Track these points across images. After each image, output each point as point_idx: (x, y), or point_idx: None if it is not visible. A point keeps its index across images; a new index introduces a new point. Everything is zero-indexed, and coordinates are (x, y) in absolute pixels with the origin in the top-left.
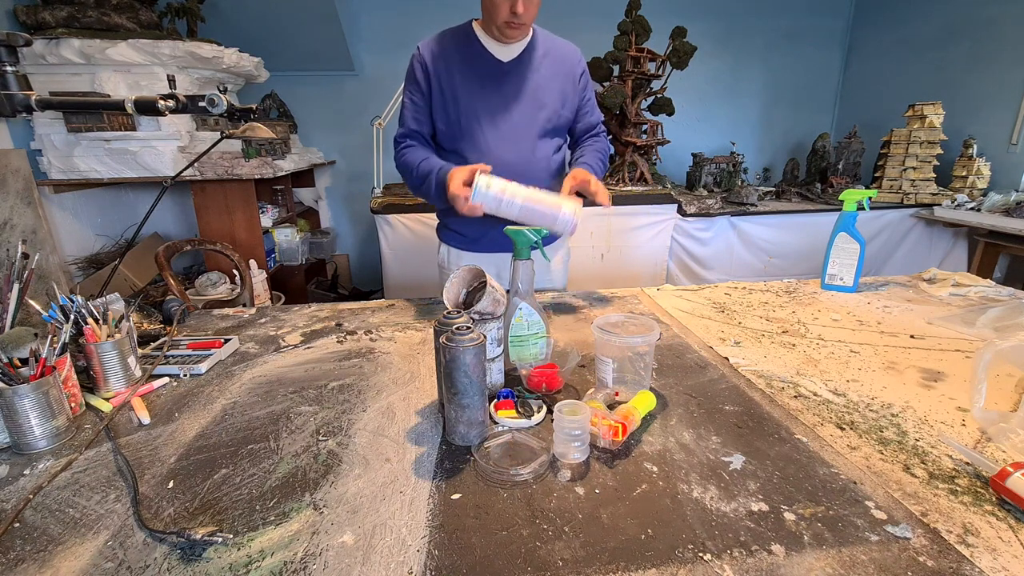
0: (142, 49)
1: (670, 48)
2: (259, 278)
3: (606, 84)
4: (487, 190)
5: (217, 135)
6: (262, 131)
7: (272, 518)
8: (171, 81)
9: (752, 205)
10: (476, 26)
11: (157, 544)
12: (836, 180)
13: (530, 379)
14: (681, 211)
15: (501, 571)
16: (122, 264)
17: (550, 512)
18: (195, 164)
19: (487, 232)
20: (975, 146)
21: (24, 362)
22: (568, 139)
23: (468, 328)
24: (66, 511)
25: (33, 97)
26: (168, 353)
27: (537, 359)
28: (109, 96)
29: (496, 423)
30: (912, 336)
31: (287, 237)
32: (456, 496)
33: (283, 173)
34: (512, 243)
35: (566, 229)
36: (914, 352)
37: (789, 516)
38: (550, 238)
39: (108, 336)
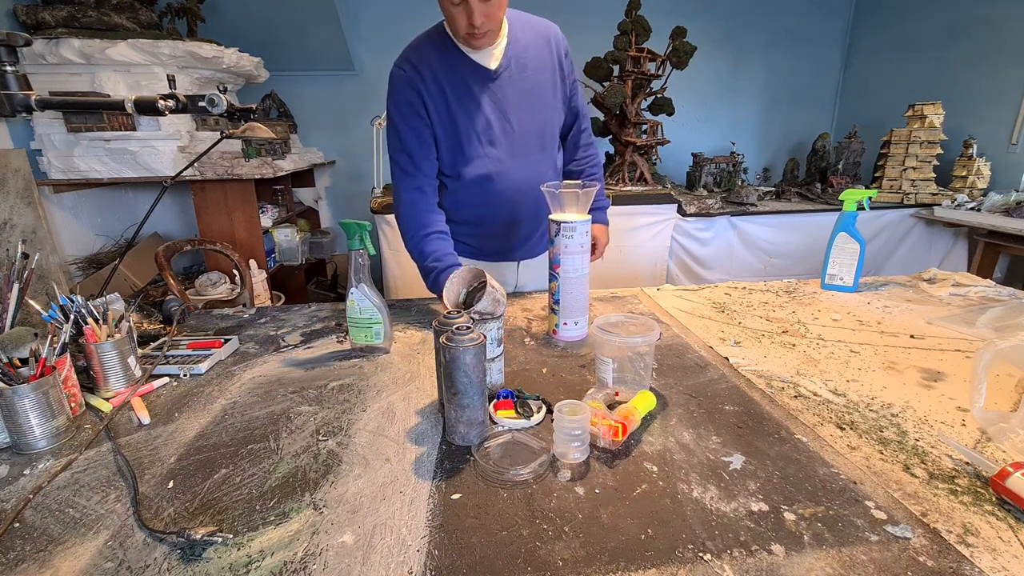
0: (142, 49)
1: (670, 48)
2: (259, 278)
3: (606, 84)
4: None
5: (217, 135)
6: (262, 131)
7: (272, 518)
8: (171, 81)
9: (752, 205)
10: (450, 30)
11: (157, 544)
12: (836, 180)
13: None
14: (681, 211)
15: (501, 571)
16: (122, 264)
17: (550, 512)
18: (195, 164)
19: (486, 243)
20: (975, 146)
21: (24, 362)
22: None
23: (468, 328)
24: (66, 511)
25: (33, 97)
26: (168, 353)
27: (372, 342)
28: (109, 96)
29: (496, 423)
30: (912, 336)
31: (287, 237)
32: (456, 496)
33: (283, 173)
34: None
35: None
36: (914, 352)
37: (789, 516)
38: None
39: (108, 336)
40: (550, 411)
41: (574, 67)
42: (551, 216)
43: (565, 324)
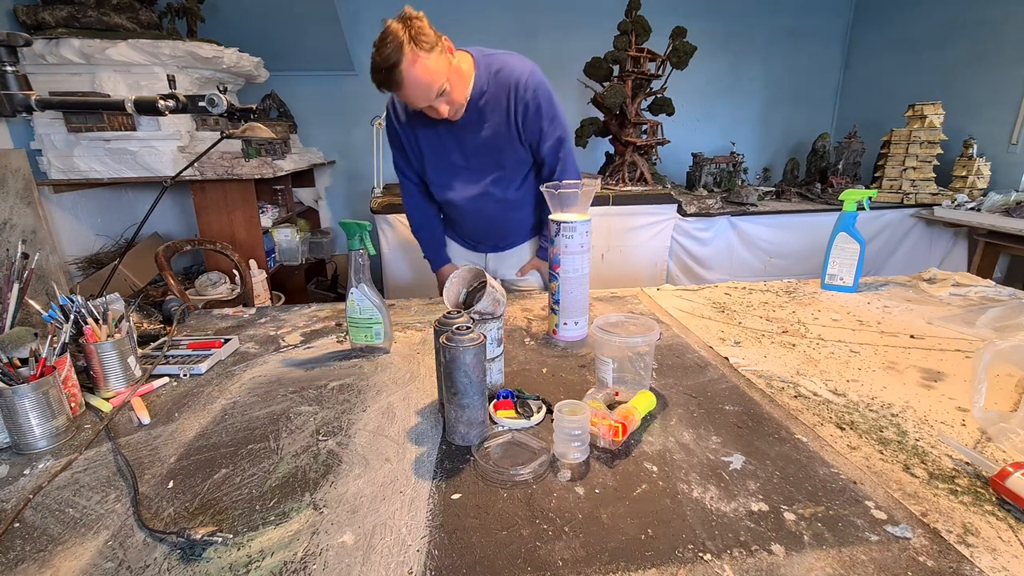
0: (142, 49)
1: (670, 48)
2: (259, 278)
3: (606, 84)
4: None
5: (217, 135)
6: (262, 131)
7: (272, 518)
8: (171, 81)
9: (752, 205)
10: None
11: (157, 544)
12: (836, 180)
13: None
14: (681, 211)
15: (501, 571)
16: (122, 264)
17: (550, 512)
18: (195, 164)
19: (459, 231)
20: (975, 146)
21: (24, 362)
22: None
23: (468, 328)
24: (66, 511)
25: (33, 97)
26: (168, 353)
27: (372, 342)
28: (109, 96)
29: (496, 423)
30: (912, 336)
31: (287, 237)
32: (456, 496)
33: (283, 173)
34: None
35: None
36: (914, 352)
37: (789, 516)
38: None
39: (108, 336)
40: (550, 411)
41: (541, 117)
42: (551, 216)
43: (565, 324)
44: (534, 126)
